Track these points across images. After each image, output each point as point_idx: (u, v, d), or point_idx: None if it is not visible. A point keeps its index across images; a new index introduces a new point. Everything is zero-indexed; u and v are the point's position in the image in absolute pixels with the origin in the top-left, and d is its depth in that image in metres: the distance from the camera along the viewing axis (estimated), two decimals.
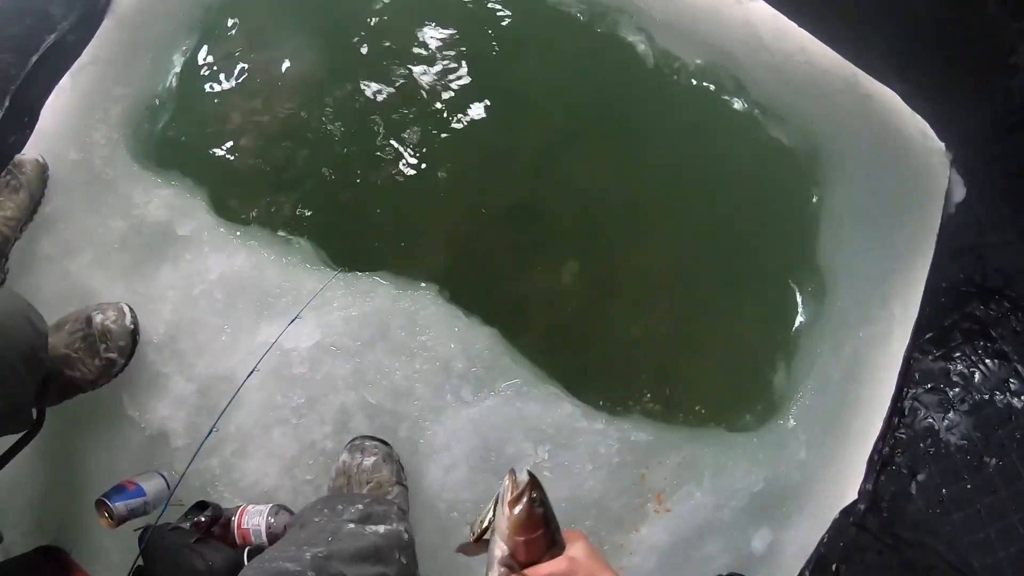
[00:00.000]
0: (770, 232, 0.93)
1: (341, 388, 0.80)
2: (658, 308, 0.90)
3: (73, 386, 0.78)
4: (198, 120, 0.94)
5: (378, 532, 0.52)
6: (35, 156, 0.93)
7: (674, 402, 0.86)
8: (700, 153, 0.95)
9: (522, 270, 0.89)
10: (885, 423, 0.87)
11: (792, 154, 0.95)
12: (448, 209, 0.91)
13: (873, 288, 0.94)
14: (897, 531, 0.78)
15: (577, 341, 0.87)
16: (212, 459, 0.82)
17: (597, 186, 0.93)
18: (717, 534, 0.84)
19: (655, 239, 0.92)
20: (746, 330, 0.90)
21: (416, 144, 0.91)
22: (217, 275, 0.84)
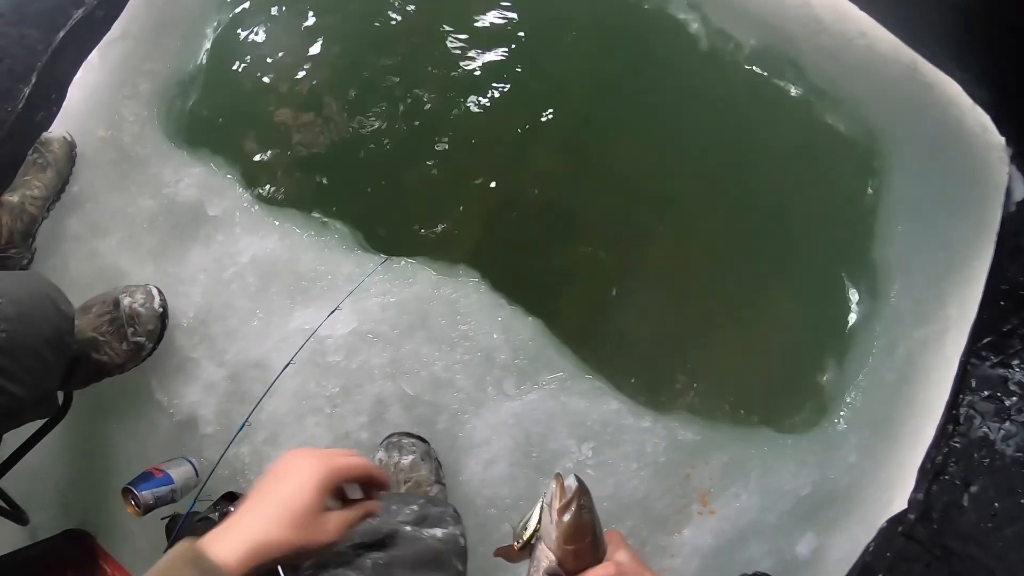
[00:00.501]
0: (823, 224, 0.88)
1: (378, 378, 0.76)
2: (706, 301, 0.86)
3: (100, 370, 0.75)
4: (230, 97, 0.90)
5: (436, 536, 0.49)
6: (62, 134, 0.90)
7: (721, 399, 0.82)
8: (752, 139, 0.90)
9: (564, 258, 0.85)
10: (939, 430, 0.82)
11: (848, 143, 0.90)
12: (488, 193, 0.86)
13: (929, 288, 0.89)
14: (947, 543, 0.74)
15: (622, 334, 0.83)
16: (243, 447, 0.79)
17: (641, 172, 0.88)
18: (761, 537, 0.80)
19: (701, 228, 0.88)
20: (796, 326, 0.85)
21: (455, 125, 0.87)
22: (249, 257, 0.80)
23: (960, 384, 0.84)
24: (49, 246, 0.87)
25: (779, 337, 0.86)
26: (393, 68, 0.89)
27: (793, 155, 0.90)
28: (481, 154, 0.86)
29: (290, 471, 0.41)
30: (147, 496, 0.72)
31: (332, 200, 0.86)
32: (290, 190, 0.87)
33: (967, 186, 0.91)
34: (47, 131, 0.89)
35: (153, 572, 0.36)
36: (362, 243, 0.83)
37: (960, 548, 0.74)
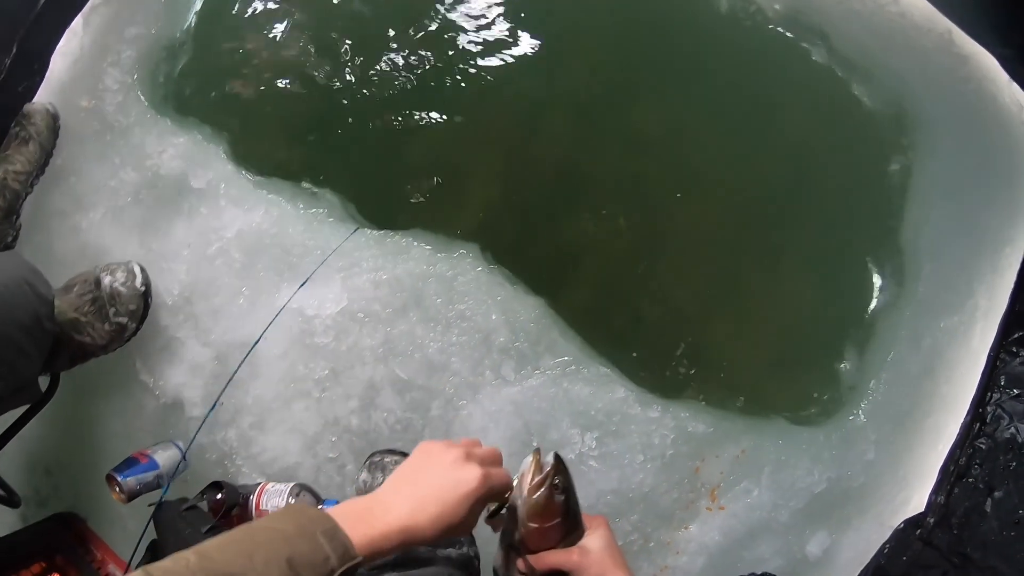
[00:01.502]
0: (847, 202, 0.81)
1: (369, 360, 0.71)
2: (720, 282, 0.79)
3: (83, 351, 0.71)
4: (218, 63, 0.83)
5: (450, 557, 0.46)
6: (45, 105, 0.83)
7: (734, 387, 0.76)
8: (773, 108, 0.82)
9: (573, 232, 0.78)
10: (963, 429, 0.75)
11: (875, 116, 0.82)
12: (490, 162, 0.79)
13: (957, 274, 0.81)
14: (966, 551, 0.68)
15: (631, 316, 0.77)
16: (229, 431, 0.74)
17: (655, 141, 0.81)
18: (771, 535, 0.74)
19: (717, 203, 0.80)
20: (816, 312, 0.78)
21: (455, 91, 0.80)
22: (235, 232, 0.74)
23: (988, 381, 0.77)
24: (34, 222, 0.82)
25: (798, 322, 0.79)
26: (390, 30, 0.81)
27: (816, 127, 0.82)
28: (484, 120, 0.79)
29: (451, 477, 0.40)
30: (131, 482, 0.68)
31: (322, 169, 0.79)
32: (279, 160, 0.81)
33: (1000, 168, 0.84)
34: (29, 103, 0.84)
35: (284, 526, 0.34)
36: (354, 215, 0.77)
37: (980, 557, 0.67)
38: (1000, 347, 0.77)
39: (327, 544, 0.35)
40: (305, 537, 0.35)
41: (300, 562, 0.33)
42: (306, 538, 0.35)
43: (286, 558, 0.33)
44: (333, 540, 0.35)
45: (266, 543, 0.34)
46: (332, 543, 0.35)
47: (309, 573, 0.34)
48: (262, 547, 0.34)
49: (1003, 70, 0.84)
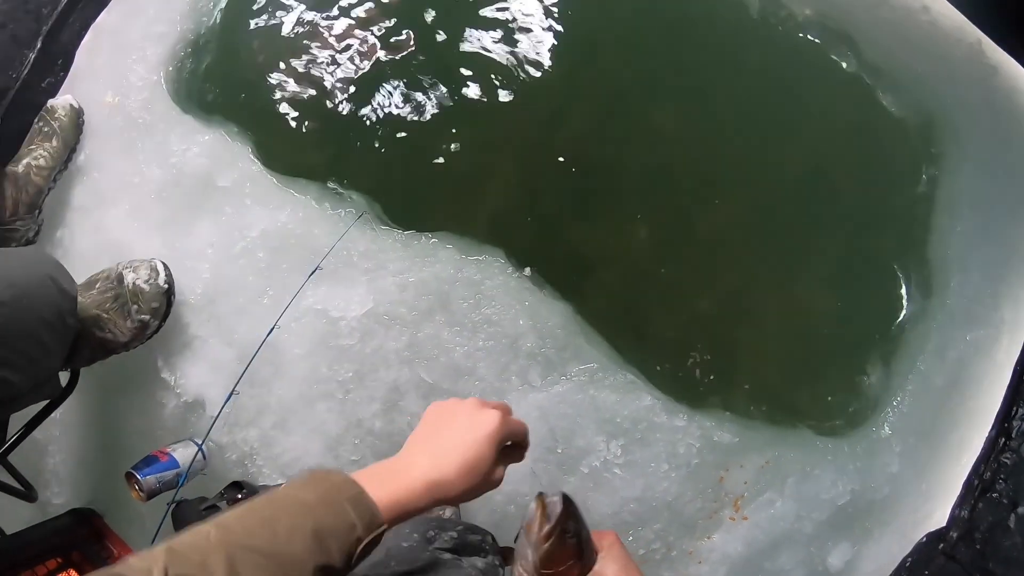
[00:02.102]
0: (875, 213, 0.80)
1: (394, 363, 0.70)
2: (747, 291, 0.78)
3: (104, 348, 0.70)
4: (243, 61, 0.82)
5: (476, 566, 0.44)
6: (68, 101, 0.83)
7: (759, 396, 0.74)
8: (799, 116, 0.81)
9: (597, 237, 0.77)
10: (988, 443, 0.74)
11: (903, 125, 0.81)
12: (514, 165, 0.78)
13: (984, 287, 0.80)
14: (989, 567, 0.66)
15: (657, 322, 0.75)
16: (250, 431, 0.73)
17: (682, 146, 0.79)
18: (794, 547, 0.73)
19: (741, 212, 0.79)
20: (843, 322, 0.77)
21: (483, 93, 0.79)
22: (259, 231, 0.73)
23: (1014, 395, 0.75)
24: (56, 217, 0.81)
25: (824, 332, 0.77)
26: (416, 32, 0.80)
27: (844, 135, 0.81)
28: (511, 123, 0.78)
29: (466, 422, 0.39)
30: (151, 481, 0.67)
31: (349, 170, 0.78)
32: (305, 159, 0.79)
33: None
34: (53, 98, 0.83)
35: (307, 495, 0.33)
36: (380, 216, 0.76)
37: (1002, 573, 0.66)
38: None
39: (353, 512, 0.33)
40: (330, 506, 0.33)
41: (326, 532, 0.32)
42: (331, 507, 0.33)
43: (311, 529, 0.32)
44: (359, 507, 0.34)
45: (289, 513, 0.32)
46: (358, 510, 0.34)
47: (335, 543, 0.32)
48: (285, 518, 0.32)
49: None
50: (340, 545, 0.32)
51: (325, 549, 0.32)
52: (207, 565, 0.29)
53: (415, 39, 0.81)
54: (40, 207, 0.82)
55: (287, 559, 0.31)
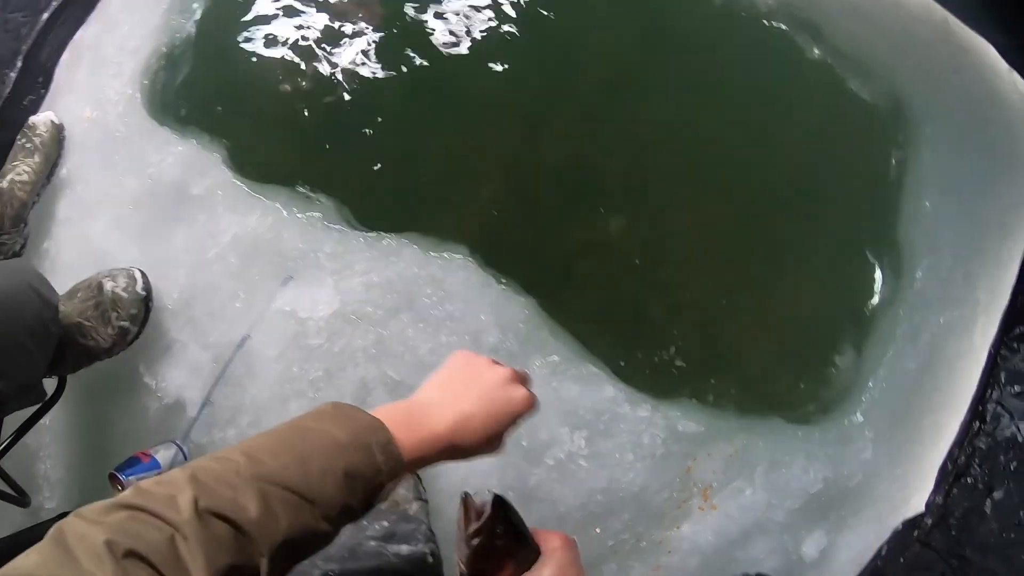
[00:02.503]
0: (845, 197, 0.79)
1: (361, 361, 0.71)
2: (715, 280, 0.77)
3: (88, 354, 0.72)
4: (217, 72, 0.84)
5: (400, 554, 0.45)
6: (49, 117, 0.85)
7: (728, 385, 0.74)
8: (766, 104, 0.80)
9: (565, 231, 0.77)
10: (963, 428, 0.73)
11: (872, 111, 0.80)
12: (483, 162, 0.79)
13: (957, 269, 0.79)
14: (965, 553, 0.66)
15: (623, 313, 0.75)
16: (228, 431, 0.74)
17: (650, 138, 0.79)
18: (766, 535, 0.72)
19: (712, 201, 0.79)
20: (812, 307, 0.77)
21: (449, 90, 0.79)
22: (231, 236, 0.75)
23: (988, 377, 0.75)
24: (41, 230, 0.84)
25: (793, 318, 0.77)
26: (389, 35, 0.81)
27: (814, 122, 0.80)
28: (477, 123, 0.79)
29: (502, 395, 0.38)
30: (133, 482, 0.68)
31: (318, 174, 0.80)
32: (275, 166, 0.81)
33: (1002, 160, 0.81)
34: (34, 114, 0.86)
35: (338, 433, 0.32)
36: (348, 218, 0.77)
37: (979, 560, 0.65)
38: (1001, 343, 0.75)
39: (380, 456, 0.33)
40: (360, 447, 0.32)
41: (355, 474, 0.31)
42: (361, 449, 0.32)
43: (343, 470, 0.31)
44: (386, 453, 0.33)
45: (321, 450, 0.31)
46: (385, 455, 0.33)
47: (361, 485, 0.32)
48: (318, 455, 0.31)
49: (1002, 59, 0.82)
50: (365, 487, 0.32)
51: (353, 490, 0.31)
52: (238, 501, 0.28)
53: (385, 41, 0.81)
54: (25, 220, 0.85)
55: (318, 499, 0.30)
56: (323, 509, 0.30)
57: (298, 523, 0.29)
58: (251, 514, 0.28)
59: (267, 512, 0.29)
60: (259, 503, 0.29)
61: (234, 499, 0.29)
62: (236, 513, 0.28)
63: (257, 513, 0.28)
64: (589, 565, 0.69)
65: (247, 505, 0.29)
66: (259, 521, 0.28)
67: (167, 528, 0.27)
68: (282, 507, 0.29)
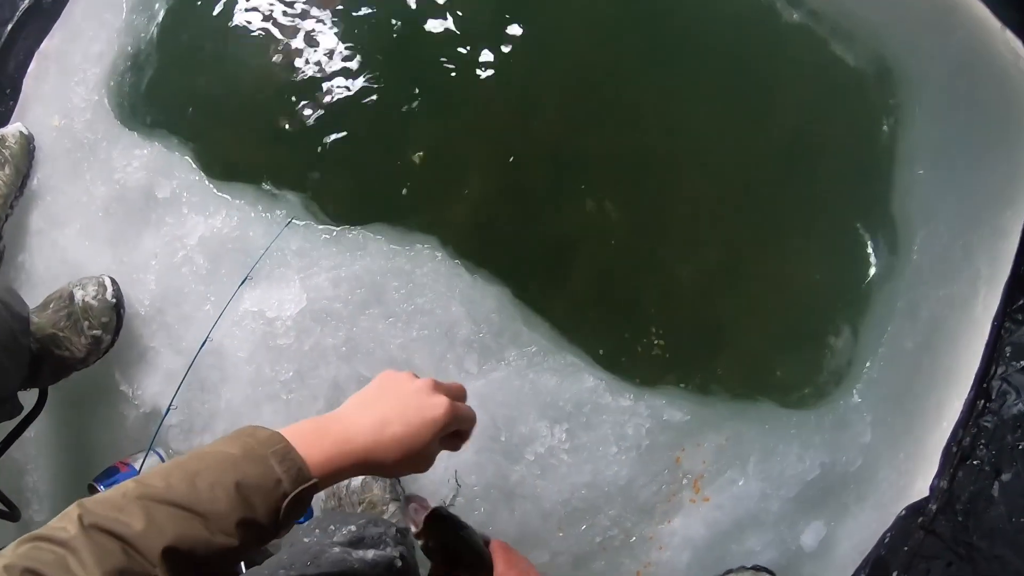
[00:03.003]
0: (834, 170, 0.74)
1: (332, 359, 0.69)
2: (701, 259, 0.73)
3: (64, 365, 0.71)
4: (181, 73, 0.82)
5: (365, 559, 0.42)
6: (18, 128, 0.83)
7: (716, 370, 0.70)
8: (750, 75, 0.76)
9: (539, 216, 0.73)
10: (967, 407, 0.69)
11: (859, 77, 0.75)
12: (453, 151, 0.75)
13: (955, 239, 0.74)
14: (972, 540, 0.62)
15: (602, 299, 0.72)
16: (205, 436, 0.73)
17: (631, 114, 0.75)
18: (761, 527, 0.68)
19: (697, 178, 0.75)
20: (804, 286, 0.72)
21: (418, 81, 0.76)
22: (197, 239, 0.73)
23: (992, 353, 0.70)
24: (16, 242, 0.83)
25: (784, 298, 0.73)
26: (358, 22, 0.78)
27: (797, 92, 0.76)
28: (444, 114, 0.76)
29: (415, 401, 0.37)
30: None
31: (285, 170, 0.77)
32: (241, 164, 0.79)
33: (997, 123, 0.76)
34: (3, 127, 0.85)
35: (231, 449, 0.32)
36: (316, 214, 0.74)
37: (987, 547, 0.61)
38: (1005, 315, 0.70)
39: (278, 466, 0.32)
40: (254, 460, 0.32)
41: (249, 486, 0.31)
42: (255, 461, 0.32)
43: (234, 482, 0.30)
44: (284, 461, 0.32)
45: (212, 467, 0.31)
46: (283, 465, 0.32)
47: (260, 498, 0.31)
48: (207, 471, 0.31)
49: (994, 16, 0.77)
50: (265, 500, 0.31)
51: (249, 504, 0.31)
52: (122, 519, 0.28)
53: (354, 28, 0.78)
54: (0, 235, 0.85)
55: (208, 512, 0.30)
56: (216, 523, 0.29)
57: (188, 535, 0.29)
58: (135, 528, 0.28)
59: (152, 525, 0.29)
60: (144, 518, 0.29)
61: (118, 517, 0.29)
62: (121, 528, 0.28)
63: (142, 527, 0.28)
64: (576, 563, 0.67)
65: (131, 521, 0.29)
66: (144, 534, 0.28)
67: (59, 549, 0.28)
68: (168, 521, 0.29)
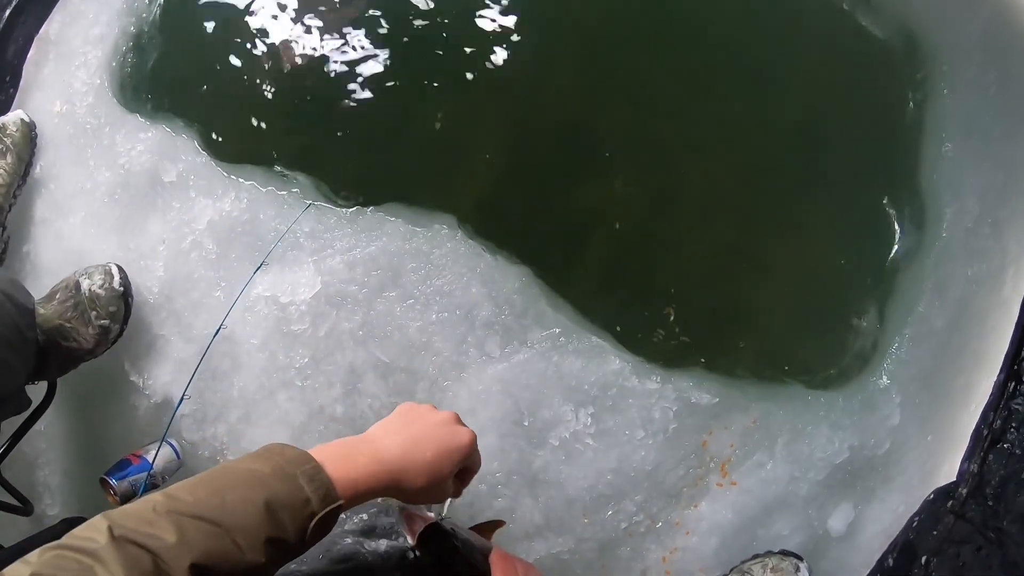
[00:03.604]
0: (860, 144, 0.72)
1: (349, 344, 0.66)
2: (724, 237, 0.71)
3: (72, 357, 0.68)
4: (184, 53, 0.79)
5: (378, 551, 0.41)
6: (19, 116, 0.80)
7: (743, 351, 0.68)
8: (773, 48, 0.73)
9: (560, 194, 0.71)
10: (997, 389, 0.66)
11: (886, 49, 0.72)
12: (469, 128, 0.73)
13: (984, 216, 0.71)
14: (1002, 525, 0.59)
15: (626, 279, 0.69)
16: (218, 426, 0.70)
17: (646, 93, 0.73)
18: (789, 511, 0.66)
19: (717, 157, 0.72)
20: (830, 265, 0.69)
21: (432, 56, 0.73)
22: (206, 223, 0.70)
23: (1023, 333, 0.68)
24: (21, 232, 0.80)
25: (810, 277, 0.70)
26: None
27: (826, 65, 0.73)
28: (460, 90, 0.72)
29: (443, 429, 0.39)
30: (124, 485, 0.65)
31: (295, 150, 0.74)
32: (249, 145, 0.76)
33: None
34: (3, 115, 0.82)
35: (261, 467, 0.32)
36: (328, 195, 0.72)
37: (1018, 533, 0.59)
38: None
39: (307, 486, 0.32)
40: (284, 478, 0.32)
41: (278, 505, 0.31)
42: (285, 479, 0.32)
43: (264, 500, 0.30)
44: (314, 481, 0.32)
45: (241, 484, 0.31)
46: (313, 484, 0.32)
47: (288, 516, 0.31)
48: (237, 488, 0.31)
49: None
50: (293, 519, 0.31)
51: (278, 522, 0.31)
52: (154, 533, 0.28)
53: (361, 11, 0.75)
54: (4, 224, 0.81)
55: (237, 529, 0.30)
56: (245, 539, 0.30)
57: (217, 551, 0.29)
58: (167, 541, 0.28)
59: (183, 540, 0.29)
60: (176, 532, 0.29)
61: (150, 532, 0.29)
62: (152, 541, 0.28)
63: (174, 540, 0.28)
64: (602, 549, 0.65)
65: (163, 535, 0.29)
66: (176, 547, 0.28)
67: (86, 559, 0.27)
68: (199, 535, 0.29)
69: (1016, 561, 0.60)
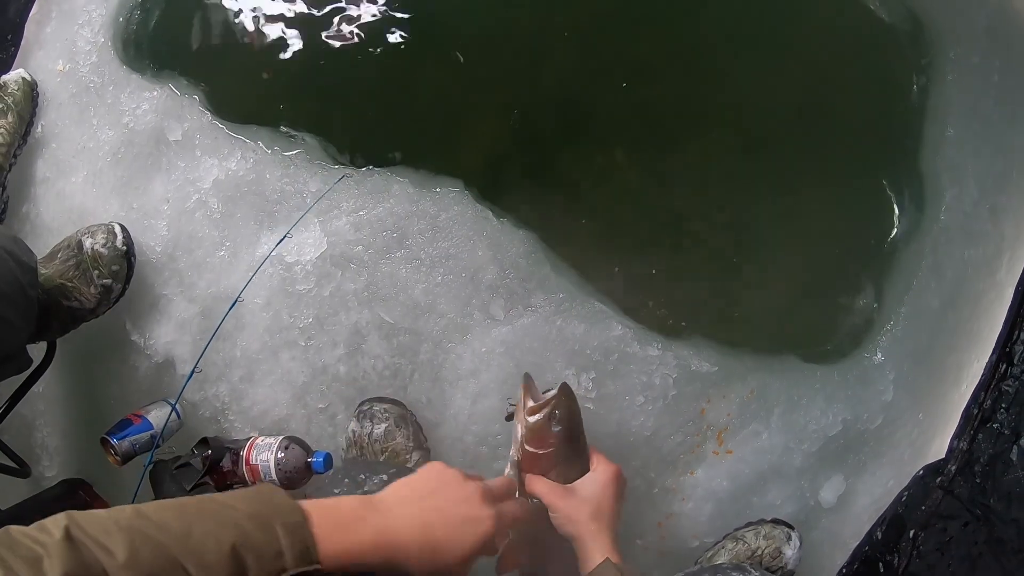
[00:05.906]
0: (863, 125, 0.72)
1: (353, 305, 0.65)
2: (726, 213, 0.71)
3: (73, 317, 0.67)
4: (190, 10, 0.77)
5: None
6: (20, 74, 0.78)
7: (742, 322, 0.68)
8: (779, 27, 0.73)
9: (566, 161, 0.70)
10: (988, 369, 0.67)
11: (891, 32, 0.72)
12: (478, 90, 0.72)
13: (982, 199, 0.72)
14: (989, 502, 0.61)
15: (630, 247, 0.69)
16: (220, 386, 0.69)
17: (653, 64, 0.72)
18: (783, 480, 0.67)
19: (721, 130, 0.72)
20: (830, 241, 0.70)
21: (441, 18, 0.72)
22: (212, 182, 0.69)
23: (1016, 316, 0.68)
24: (22, 192, 0.78)
25: (810, 253, 0.70)
26: None
27: (828, 45, 0.73)
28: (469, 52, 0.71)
29: (459, 517, 0.34)
30: (124, 445, 0.64)
31: (301, 110, 0.73)
32: (255, 105, 0.74)
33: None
34: (5, 73, 0.80)
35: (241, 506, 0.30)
36: (334, 155, 0.70)
37: (1003, 510, 0.60)
38: None
39: (284, 538, 0.30)
40: (260, 524, 0.30)
41: (246, 550, 0.29)
42: (262, 526, 0.30)
43: (232, 542, 0.28)
44: (292, 535, 0.30)
45: (213, 519, 0.29)
46: (291, 538, 0.30)
47: (255, 564, 0.29)
48: (207, 522, 0.29)
49: None
50: (261, 568, 0.29)
51: (240, 567, 0.28)
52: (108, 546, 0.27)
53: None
54: (4, 184, 0.79)
55: (195, 564, 0.27)
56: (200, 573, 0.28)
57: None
58: (116, 558, 0.27)
59: (132, 560, 0.27)
60: (127, 550, 0.27)
61: (103, 543, 0.27)
62: (101, 553, 0.27)
63: (123, 559, 0.27)
64: None
65: (114, 550, 0.27)
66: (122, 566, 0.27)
67: (38, 548, 0.27)
68: (150, 559, 0.27)
69: (1001, 538, 0.62)
